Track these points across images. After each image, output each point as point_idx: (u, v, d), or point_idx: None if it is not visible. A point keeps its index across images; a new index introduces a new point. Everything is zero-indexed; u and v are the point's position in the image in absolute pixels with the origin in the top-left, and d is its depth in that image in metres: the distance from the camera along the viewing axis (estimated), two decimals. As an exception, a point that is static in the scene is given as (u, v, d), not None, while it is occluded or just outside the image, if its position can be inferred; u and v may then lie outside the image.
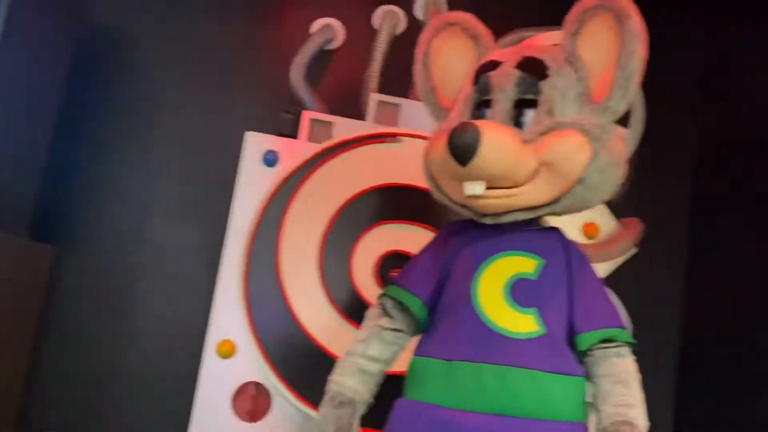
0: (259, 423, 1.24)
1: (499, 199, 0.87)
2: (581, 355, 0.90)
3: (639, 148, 1.43)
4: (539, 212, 0.91)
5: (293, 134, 1.35)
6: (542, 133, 0.87)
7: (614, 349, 0.90)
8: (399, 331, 0.96)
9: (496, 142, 0.82)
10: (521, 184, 0.87)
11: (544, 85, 0.89)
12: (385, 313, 0.97)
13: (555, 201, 0.89)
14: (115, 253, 1.45)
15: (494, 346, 0.86)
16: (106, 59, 1.53)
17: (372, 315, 0.97)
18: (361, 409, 0.93)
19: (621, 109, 0.90)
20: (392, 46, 1.47)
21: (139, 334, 1.44)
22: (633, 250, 1.38)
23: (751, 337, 1.32)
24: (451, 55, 1.01)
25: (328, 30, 1.49)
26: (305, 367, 1.22)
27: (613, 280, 1.37)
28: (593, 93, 0.90)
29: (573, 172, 0.86)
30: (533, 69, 0.90)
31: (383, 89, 1.43)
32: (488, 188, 0.85)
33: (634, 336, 1.39)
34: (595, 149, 0.86)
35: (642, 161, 1.48)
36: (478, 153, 0.80)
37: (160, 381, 1.44)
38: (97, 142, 1.50)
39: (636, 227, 1.39)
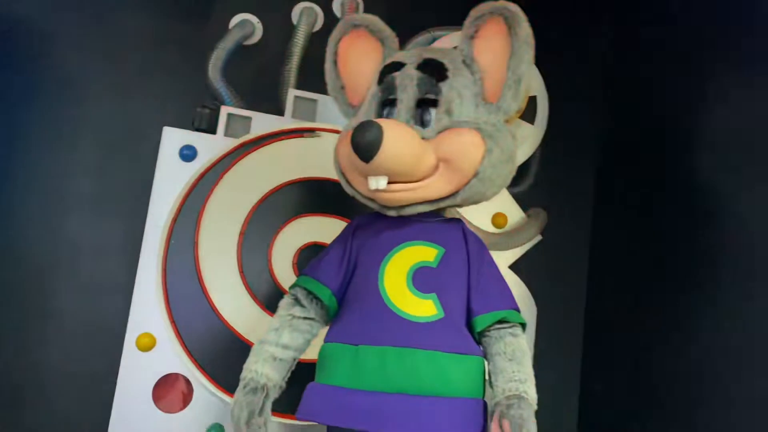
0: (180, 413, 1.26)
1: (400, 193, 0.93)
2: (479, 336, 0.98)
3: (544, 141, 1.52)
4: (439, 204, 0.98)
5: (211, 129, 1.37)
6: (441, 131, 0.94)
7: (508, 329, 0.98)
8: (311, 319, 1.01)
9: (397, 140, 0.88)
10: (422, 179, 0.93)
11: (444, 86, 0.96)
12: (297, 302, 1.01)
13: (453, 194, 0.96)
14: (30, 250, 1.43)
15: (397, 329, 0.92)
16: (21, 53, 1.50)
17: (284, 305, 1.02)
18: (274, 395, 0.97)
19: (513, 108, 0.97)
20: (310, 42, 1.50)
21: (58, 331, 1.42)
22: (538, 238, 1.46)
23: (645, 315, 1.43)
24: (359, 56, 1.07)
25: (247, 25, 1.51)
26: (225, 357, 1.25)
27: (520, 265, 1.47)
28: (487, 94, 0.98)
29: (469, 167, 0.93)
30: (433, 71, 0.97)
31: (301, 85, 1.46)
32: (391, 183, 0.91)
33: (541, 317, 1.50)
34: (489, 146, 0.93)
35: (548, 154, 1.59)
36: (380, 150, 0.85)
37: (80, 377, 1.42)
38: (11, 137, 1.47)
39: (541, 217, 1.48)
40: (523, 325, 1.01)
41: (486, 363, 0.99)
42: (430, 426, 0.89)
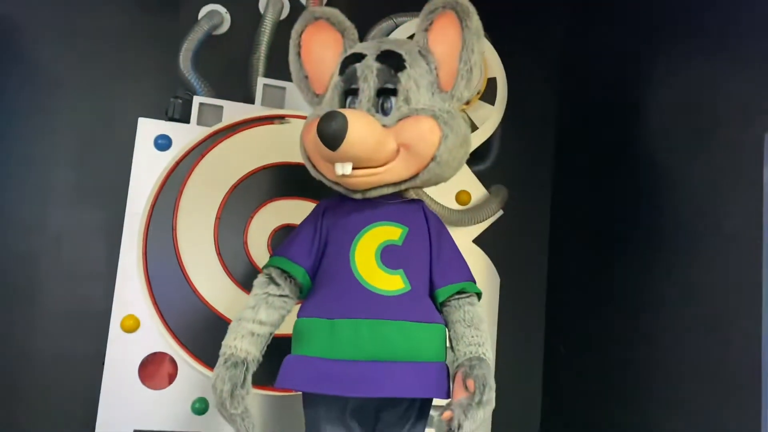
0: (166, 389, 1.33)
1: (365, 178, 1.01)
2: (441, 306, 1.08)
3: (504, 121, 1.60)
4: (401, 187, 1.06)
5: (185, 119, 1.42)
6: (401, 119, 1.02)
7: (467, 299, 1.08)
8: (285, 296, 1.08)
9: (360, 128, 0.95)
10: (384, 164, 1.02)
11: (402, 76, 1.04)
12: (272, 281, 1.08)
13: (413, 177, 1.04)
14: (14, 239, 1.48)
15: (369, 303, 1.01)
16: (-5, 46, 1.53)
17: (259, 284, 1.09)
18: (253, 368, 1.04)
19: (465, 96, 1.06)
20: (277, 31, 1.55)
21: (44, 316, 1.48)
22: (500, 213, 1.55)
23: (602, 283, 1.54)
24: (320, 47, 1.13)
25: (215, 16, 1.55)
26: (206, 334, 1.32)
27: (483, 239, 1.55)
28: (442, 82, 1.06)
29: (427, 152, 1.02)
30: (392, 61, 1.05)
31: (269, 73, 1.52)
32: (355, 168, 0.99)
33: (504, 288, 1.59)
34: (445, 132, 1.02)
35: (508, 133, 1.67)
36: (345, 139, 0.93)
37: (68, 360, 1.49)
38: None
39: (502, 193, 1.56)
40: (479, 295, 1.11)
41: (447, 330, 1.08)
42: (403, 388, 0.99)
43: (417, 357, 1.01)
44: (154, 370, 1.34)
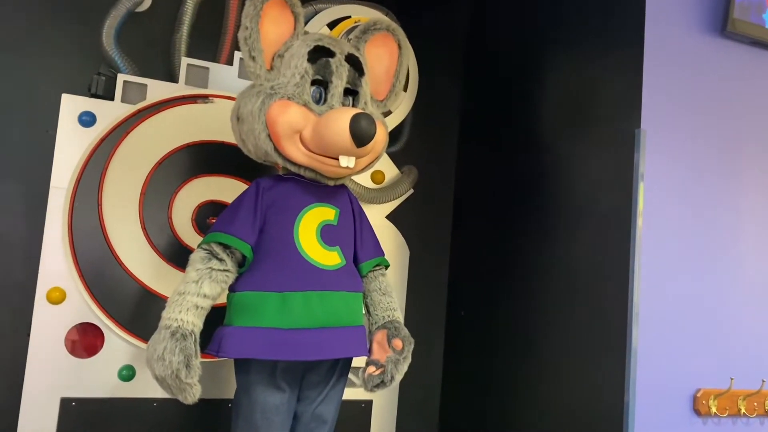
0: (93, 358, 1.38)
1: (351, 169, 1.16)
2: (362, 278, 1.24)
3: (415, 107, 1.73)
4: (354, 175, 1.24)
5: (108, 96, 1.45)
6: None
7: (380, 271, 1.26)
8: (227, 271, 1.15)
9: (381, 131, 1.16)
10: None
11: (362, 81, 1.20)
12: (214, 256, 1.14)
13: (369, 166, 1.22)
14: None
15: (315, 277, 1.14)
16: None
17: (199, 259, 1.13)
18: (198, 340, 1.09)
19: (389, 106, 1.28)
20: (199, 11, 1.58)
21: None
22: (410, 191, 1.69)
23: (499, 254, 1.71)
24: (275, 24, 1.20)
25: (137, -7, 1.57)
26: (132, 305, 1.38)
27: (395, 215, 1.69)
28: (374, 92, 1.25)
29: (382, 150, 1.21)
30: (357, 65, 1.20)
31: (192, 53, 1.56)
32: None
33: (413, 259, 1.73)
34: (386, 133, 1.19)
35: (418, 118, 1.81)
36: (374, 139, 1.11)
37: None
38: None
39: (413, 173, 1.70)
40: (387, 266, 1.29)
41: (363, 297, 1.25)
42: (349, 348, 1.16)
43: (354, 322, 1.17)
44: (81, 340, 1.38)
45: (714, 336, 1.29)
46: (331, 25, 1.62)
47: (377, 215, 1.63)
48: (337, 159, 1.12)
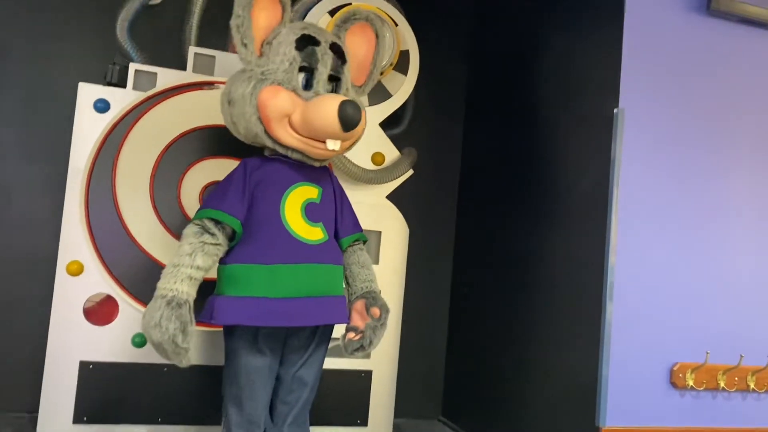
0: (109, 326, 1.50)
1: (336, 151, 1.23)
2: (342, 252, 1.31)
3: (416, 89, 1.78)
4: (335, 156, 1.32)
5: (122, 84, 1.56)
6: None
7: (358, 246, 1.33)
8: (218, 245, 1.23)
9: (365, 117, 1.23)
10: None
11: (345, 69, 1.27)
12: (206, 231, 1.21)
13: (349, 149, 1.29)
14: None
15: (300, 250, 1.22)
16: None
17: (192, 233, 1.21)
18: (193, 307, 1.17)
19: (367, 91, 1.37)
20: (208, 3, 1.67)
21: (-5, 264, 1.62)
22: (410, 172, 1.74)
23: (499, 231, 1.76)
24: (265, 13, 1.27)
25: (150, -13, 1.67)
26: (143, 276, 1.48)
27: (396, 195, 1.75)
28: (353, 78, 1.31)
29: (362, 134, 1.28)
30: (340, 54, 1.27)
31: (200, 42, 1.65)
32: None
33: (415, 238, 1.79)
34: (366, 118, 1.25)
35: (419, 101, 1.85)
36: (359, 125, 1.18)
37: (18, 303, 1.65)
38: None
39: (413, 154, 1.75)
40: (365, 242, 1.37)
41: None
42: (333, 316, 1.24)
43: (335, 292, 1.25)
44: (98, 309, 1.50)
45: (690, 311, 1.31)
46: (332, 13, 1.68)
47: (377, 195, 1.70)
48: (324, 142, 1.20)
